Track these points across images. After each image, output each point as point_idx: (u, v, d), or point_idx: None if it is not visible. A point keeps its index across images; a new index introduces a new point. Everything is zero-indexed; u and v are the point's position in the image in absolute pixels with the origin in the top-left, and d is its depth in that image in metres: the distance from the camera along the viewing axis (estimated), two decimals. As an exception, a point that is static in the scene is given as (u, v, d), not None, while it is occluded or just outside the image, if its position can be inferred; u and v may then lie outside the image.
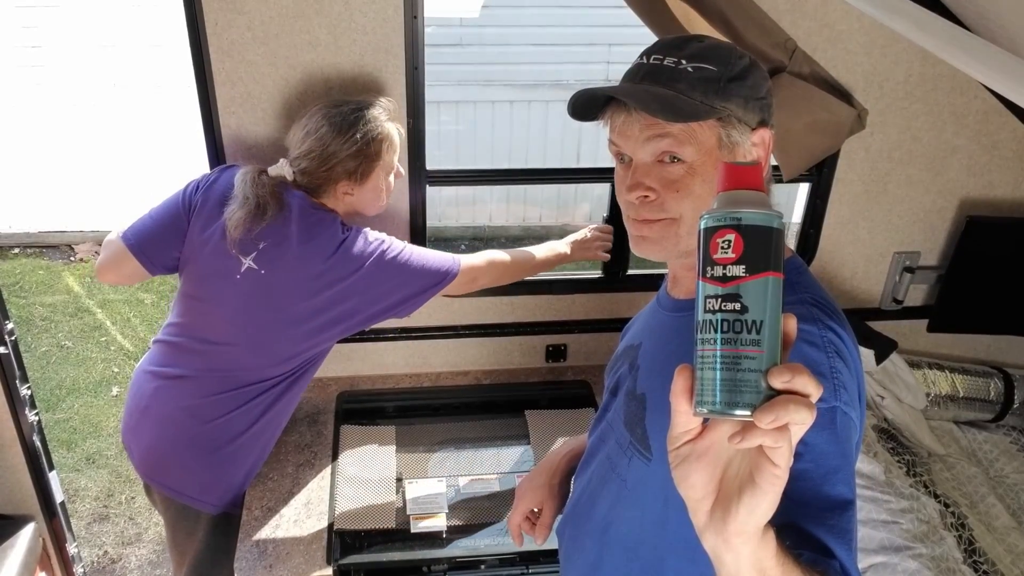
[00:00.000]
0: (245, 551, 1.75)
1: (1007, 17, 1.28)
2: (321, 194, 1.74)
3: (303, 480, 1.95)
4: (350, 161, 1.68)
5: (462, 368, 2.34)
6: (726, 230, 0.61)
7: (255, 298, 1.70)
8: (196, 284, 1.75)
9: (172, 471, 1.78)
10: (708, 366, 0.61)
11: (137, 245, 1.73)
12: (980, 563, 1.86)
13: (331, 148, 1.67)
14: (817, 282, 1.01)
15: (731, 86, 0.94)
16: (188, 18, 1.80)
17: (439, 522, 1.84)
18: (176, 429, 1.75)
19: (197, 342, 1.76)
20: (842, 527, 0.83)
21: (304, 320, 1.70)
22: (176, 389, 1.76)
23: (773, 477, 0.60)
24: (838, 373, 0.89)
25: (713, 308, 0.61)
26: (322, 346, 1.78)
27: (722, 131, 0.95)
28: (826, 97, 1.97)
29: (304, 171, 1.71)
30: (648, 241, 1.01)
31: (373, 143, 1.68)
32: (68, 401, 3.83)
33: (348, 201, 1.76)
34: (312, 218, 1.70)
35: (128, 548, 3.05)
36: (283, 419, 1.87)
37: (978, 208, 2.28)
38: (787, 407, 0.58)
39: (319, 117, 1.69)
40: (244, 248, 1.68)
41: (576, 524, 1.20)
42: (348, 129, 1.67)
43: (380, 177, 1.75)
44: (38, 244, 5.21)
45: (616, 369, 1.20)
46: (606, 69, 5.43)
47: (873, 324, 2.29)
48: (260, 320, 1.71)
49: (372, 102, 1.72)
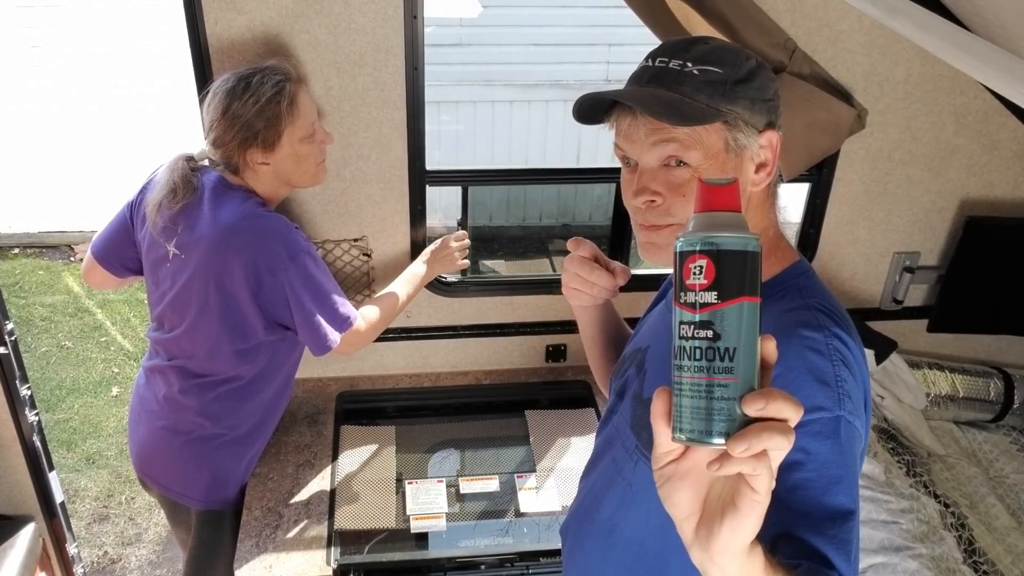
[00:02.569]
0: (245, 551, 1.75)
1: (1007, 17, 1.28)
2: (238, 168, 1.68)
3: (303, 480, 1.95)
4: (253, 124, 1.61)
5: (462, 368, 2.34)
6: (698, 256, 0.60)
7: (182, 284, 1.69)
8: (146, 278, 1.79)
9: (159, 465, 1.81)
10: (683, 393, 0.61)
11: (98, 252, 1.81)
12: (980, 563, 1.86)
13: (230, 112, 1.60)
14: (824, 286, 1.01)
15: (737, 88, 0.93)
16: (188, 18, 1.80)
17: (439, 522, 1.84)
18: (157, 421, 1.78)
19: (159, 333, 1.79)
20: (842, 538, 0.83)
21: (219, 305, 1.66)
22: (155, 381, 1.81)
23: (753, 502, 0.60)
24: (843, 382, 0.88)
25: (686, 335, 0.61)
26: (250, 339, 1.71)
27: (728, 134, 0.94)
28: (826, 97, 1.97)
29: (215, 143, 1.65)
30: (655, 247, 1.00)
31: (272, 103, 1.60)
32: (68, 401, 3.83)
33: (267, 173, 1.67)
34: (223, 196, 1.65)
35: (128, 548, 3.05)
36: (265, 420, 1.85)
37: (978, 208, 2.28)
38: (760, 435, 0.57)
39: (216, 85, 1.64)
40: (166, 235, 1.68)
41: (580, 525, 1.20)
42: (244, 91, 1.60)
43: (292, 142, 1.65)
44: (38, 244, 5.21)
45: (623, 371, 1.19)
46: (606, 69, 5.43)
47: (873, 324, 2.29)
48: (190, 306, 1.69)
49: (269, 64, 1.66)
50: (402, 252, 2.13)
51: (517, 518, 1.87)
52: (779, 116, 0.99)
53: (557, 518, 1.86)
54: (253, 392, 1.78)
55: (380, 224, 2.08)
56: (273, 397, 1.84)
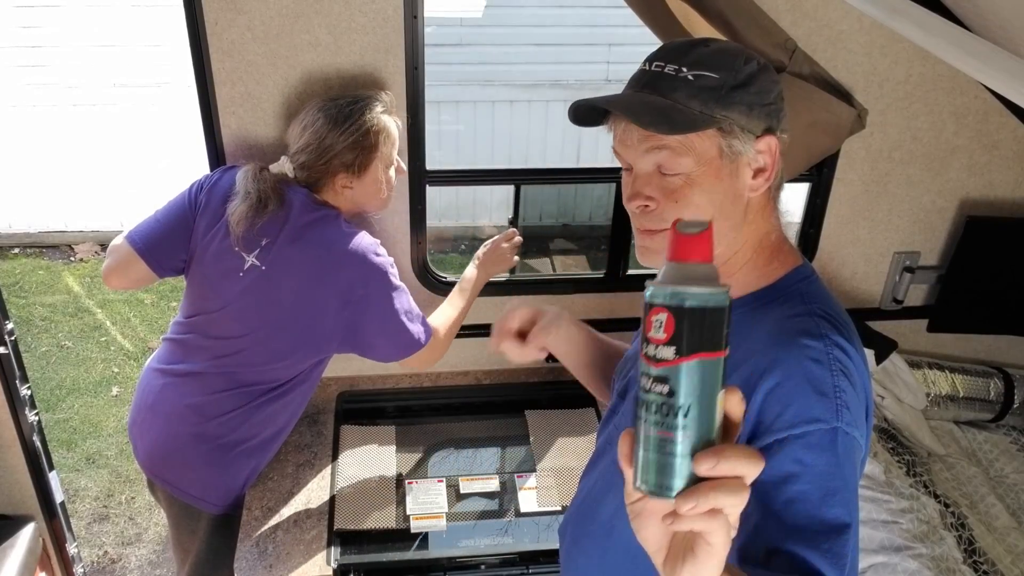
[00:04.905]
0: (245, 551, 1.75)
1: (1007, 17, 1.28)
2: (321, 189, 1.75)
3: (303, 480, 1.95)
4: (347, 153, 1.69)
5: (462, 368, 2.34)
6: (659, 309, 0.58)
7: (258, 295, 1.70)
8: (202, 282, 1.76)
9: (175, 468, 1.78)
10: (641, 444, 0.60)
11: (145, 248, 1.74)
12: (980, 563, 1.86)
13: (328, 140, 1.69)
14: (827, 291, 1.00)
15: (734, 94, 0.92)
16: (188, 18, 1.80)
17: (439, 522, 1.84)
18: (181, 426, 1.75)
19: (204, 339, 1.76)
20: (836, 551, 0.82)
21: (302, 319, 1.70)
22: (183, 386, 1.76)
23: (709, 554, 0.60)
24: (841, 392, 0.87)
25: (646, 387, 0.60)
26: (323, 352, 1.78)
27: (723, 141, 0.93)
28: (826, 97, 1.97)
29: (303, 165, 1.72)
30: (651, 252, 1.00)
31: (370, 134, 1.70)
32: (68, 401, 3.83)
33: (348, 196, 1.76)
34: (314, 214, 1.71)
35: (128, 548, 3.05)
36: (288, 425, 1.86)
37: (978, 208, 2.28)
38: (708, 494, 0.57)
39: (315, 111, 1.72)
40: (247, 245, 1.68)
41: (579, 525, 1.20)
42: (344, 121, 1.69)
43: (379, 170, 1.75)
44: (38, 244, 5.21)
45: (626, 372, 1.19)
46: (606, 69, 5.42)
47: (873, 324, 2.29)
48: (263, 318, 1.71)
49: (369, 95, 1.74)
50: (403, 252, 2.13)
51: (517, 518, 1.87)
52: (781, 119, 0.97)
53: (557, 518, 1.86)
54: (288, 399, 1.79)
55: (380, 224, 2.08)
56: (299, 404, 1.85)
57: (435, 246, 5.35)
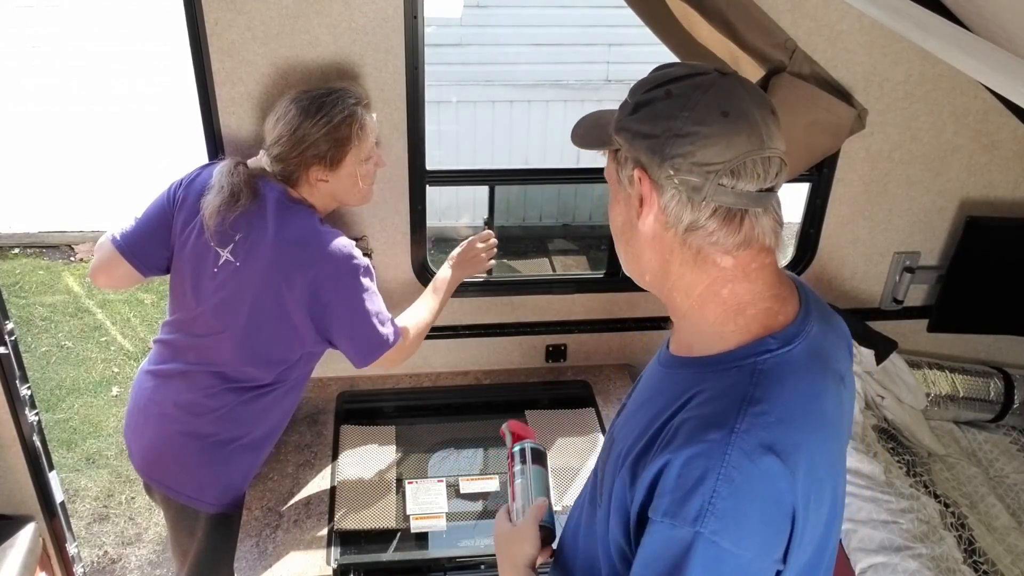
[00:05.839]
0: (245, 551, 1.75)
1: (1007, 17, 1.28)
2: (297, 183, 1.73)
3: (303, 480, 1.95)
4: (321, 144, 1.68)
5: (462, 368, 2.34)
6: None
7: (233, 291, 1.70)
8: (182, 280, 1.76)
9: (170, 469, 1.78)
10: None
11: (127, 248, 1.75)
12: (980, 563, 1.86)
13: (300, 131, 1.67)
14: (794, 373, 0.89)
15: (626, 120, 0.91)
16: (188, 18, 1.80)
17: (439, 522, 1.84)
18: (172, 425, 1.76)
19: (189, 338, 1.77)
20: None
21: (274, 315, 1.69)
22: (172, 385, 1.77)
23: None
24: (717, 498, 0.82)
25: None
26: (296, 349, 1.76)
27: (615, 165, 0.94)
28: (826, 97, 1.97)
29: (278, 157, 1.71)
30: None
31: (343, 126, 1.68)
32: (68, 401, 3.83)
33: (324, 189, 1.74)
34: (288, 210, 1.69)
35: (128, 548, 3.05)
36: (281, 422, 1.87)
37: (978, 208, 2.28)
38: None
39: (288, 102, 1.71)
40: (221, 240, 1.68)
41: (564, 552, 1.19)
42: (317, 112, 1.67)
43: (354, 163, 1.73)
44: (38, 244, 5.21)
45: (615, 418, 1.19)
46: (606, 69, 5.42)
47: (873, 324, 2.29)
48: (239, 314, 1.70)
49: (343, 87, 1.73)
50: (402, 252, 2.12)
51: (517, 518, 1.87)
52: (667, 157, 0.87)
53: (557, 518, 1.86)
54: (278, 397, 1.79)
55: (380, 224, 2.08)
56: (291, 401, 1.85)
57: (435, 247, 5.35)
